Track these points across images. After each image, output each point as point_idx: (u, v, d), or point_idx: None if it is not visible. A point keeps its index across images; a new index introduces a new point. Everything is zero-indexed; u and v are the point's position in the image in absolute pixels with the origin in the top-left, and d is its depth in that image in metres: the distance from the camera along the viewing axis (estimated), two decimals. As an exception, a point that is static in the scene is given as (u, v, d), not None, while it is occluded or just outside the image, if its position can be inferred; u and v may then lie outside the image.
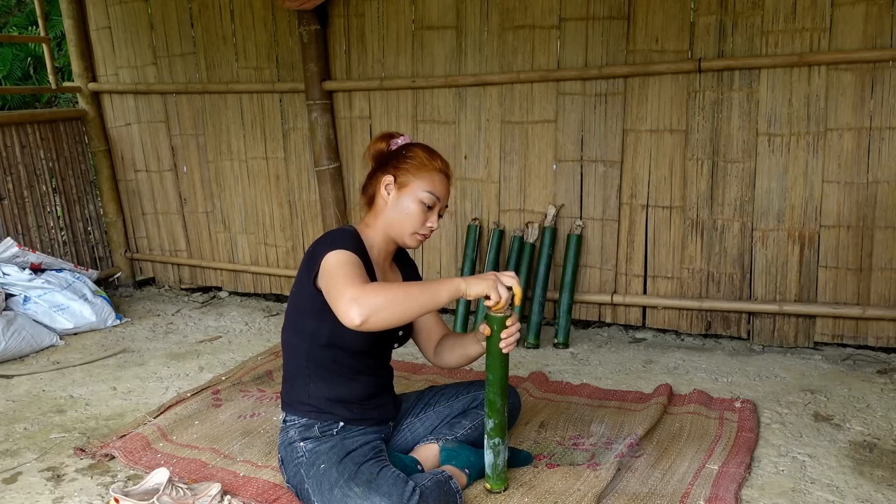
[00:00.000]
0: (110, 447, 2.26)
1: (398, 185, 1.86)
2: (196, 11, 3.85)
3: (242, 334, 3.52)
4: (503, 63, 3.28)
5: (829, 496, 1.93)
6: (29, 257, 3.62)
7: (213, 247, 4.18)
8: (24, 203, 3.91)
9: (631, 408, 2.50)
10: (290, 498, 1.98)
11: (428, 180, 1.85)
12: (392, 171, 1.87)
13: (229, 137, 3.95)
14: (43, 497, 2.05)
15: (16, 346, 3.18)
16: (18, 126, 3.90)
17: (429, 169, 1.87)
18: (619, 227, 3.24)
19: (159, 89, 4.05)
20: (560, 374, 2.87)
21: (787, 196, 2.96)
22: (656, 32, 3.03)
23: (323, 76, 3.56)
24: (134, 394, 2.81)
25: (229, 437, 2.35)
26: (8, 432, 2.48)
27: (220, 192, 4.06)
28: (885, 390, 2.60)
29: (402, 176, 1.86)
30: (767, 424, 2.36)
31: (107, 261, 4.38)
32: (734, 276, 3.09)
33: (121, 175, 4.32)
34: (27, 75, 7.06)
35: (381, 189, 1.88)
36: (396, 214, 1.87)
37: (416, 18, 3.42)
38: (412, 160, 1.87)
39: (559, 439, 2.28)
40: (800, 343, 3.05)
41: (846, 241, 2.91)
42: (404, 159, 1.87)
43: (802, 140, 2.90)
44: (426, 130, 3.49)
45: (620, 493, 1.96)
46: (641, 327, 3.32)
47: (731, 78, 2.95)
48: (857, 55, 2.75)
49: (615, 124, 3.16)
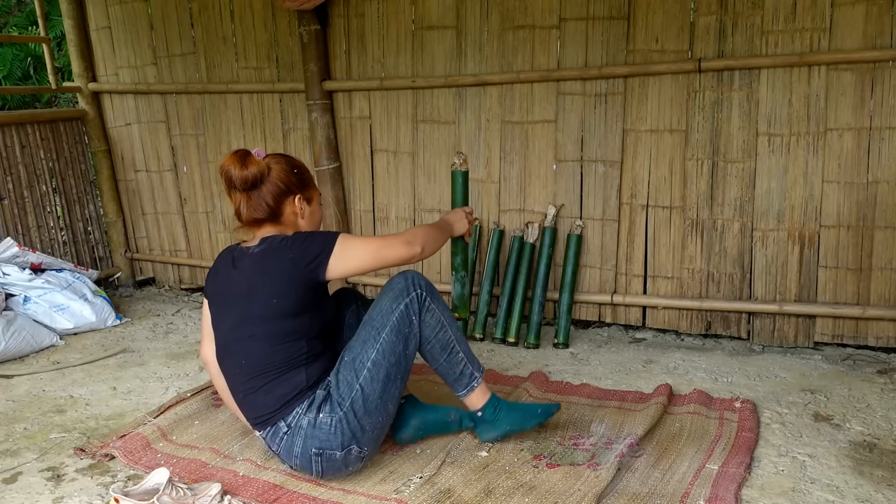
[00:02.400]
0: (110, 447, 2.26)
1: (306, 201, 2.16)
2: (196, 11, 3.86)
3: (242, 334, 3.52)
4: (503, 63, 3.28)
5: (829, 496, 1.93)
6: (29, 257, 3.62)
7: (213, 247, 4.17)
8: (24, 203, 3.91)
9: (631, 408, 2.50)
10: (290, 498, 1.98)
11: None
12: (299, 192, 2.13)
13: (229, 137, 3.95)
14: (43, 497, 2.05)
15: (16, 346, 3.18)
16: (18, 126, 3.90)
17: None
18: (619, 227, 3.24)
19: (159, 89, 4.05)
20: (560, 374, 2.87)
21: (787, 196, 2.96)
22: (656, 32, 3.03)
23: (323, 76, 3.56)
24: (134, 394, 2.81)
25: (229, 437, 2.35)
26: (8, 432, 2.48)
27: (220, 192, 4.06)
28: (885, 390, 2.60)
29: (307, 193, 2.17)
30: (767, 424, 2.36)
31: (107, 261, 4.38)
32: (734, 276, 3.09)
33: (121, 175, 4.32)
34: (27, 75, 7.07)
35: (296, 207, 2.13)
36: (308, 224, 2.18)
37: (416, 18, 3.42)
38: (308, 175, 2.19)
39: (559, 439, 2.28)
40: (800, 343, 3.05)
41: (846, 241, 2.91)
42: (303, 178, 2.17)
43: (802, 140, 2.90)
44: (426, 130, 3.49)
45: (620, 493, 1.96)
46: (641, 327, 3.32)
47: (731, 78, 2.95)
48: (857, 55, 2.75)
49: (615, 124, 3.16)
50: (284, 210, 2.09)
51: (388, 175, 3.62)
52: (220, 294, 2.11)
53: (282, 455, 2.07)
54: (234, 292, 2.05)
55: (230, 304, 2.06)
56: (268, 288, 1.98)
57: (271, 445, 2.07)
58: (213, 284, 2.15)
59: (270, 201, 2.06)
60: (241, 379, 2.05)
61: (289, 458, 2.05)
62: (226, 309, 2.08)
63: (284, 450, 2.03)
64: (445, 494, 1.96)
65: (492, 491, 1.98)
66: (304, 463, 2.02)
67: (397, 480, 2.06)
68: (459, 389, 2.20)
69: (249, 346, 2.01)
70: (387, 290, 2.09)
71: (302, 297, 2.00)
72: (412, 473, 2.10)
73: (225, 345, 2.09)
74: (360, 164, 3.66)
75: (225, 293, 2.09)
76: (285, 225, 2.11)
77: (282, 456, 2.07)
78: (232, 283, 2.06)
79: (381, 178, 3.64)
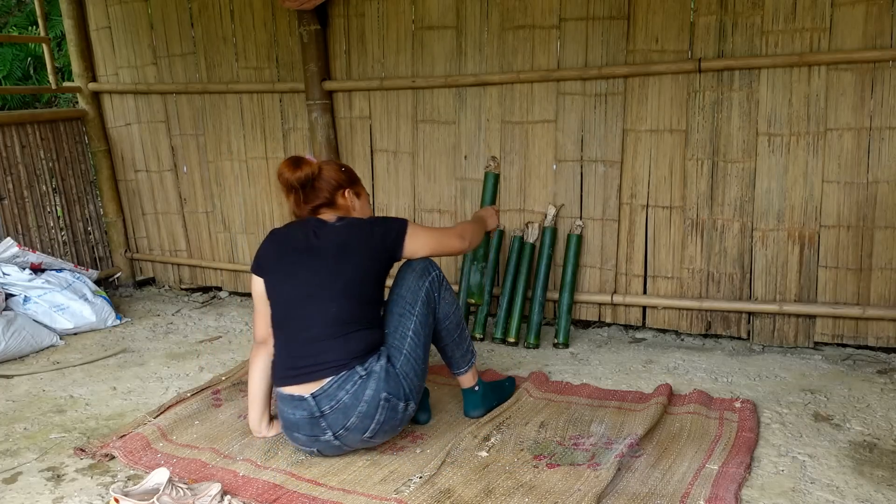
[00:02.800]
0: (110, 447, 2.27)
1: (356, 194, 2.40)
2: (196, 11, 3.86)
3: (242, 334, 3.52)
4: (503, 63, 3.28)
5: (829, 496, 1.93)
6: (29, 257, 3.62)
7: (213, 247, 4.18)
8: (24, 203, 3.91)
9: (631, 408, 2.50)
10: (290, 498, 1.98)
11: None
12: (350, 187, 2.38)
13: (229, 137, 3.95)
14: (43, 497, 2.05)
15: (16, 346, 3.19)
16: (18, 126, 3.90)
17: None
18: (619, 227, 3.24)
19: (159, 89, 4.05)
20: (560, 373, 2.87)
21: (787, 196, 2.96)
22: (656, 32, 3.03)
23: (323, 76, 3.56)
24: (134, 394, 2.81)
25: (229, 437, 2.35)
26: (8, 432, 2.48)
27: (220, 192, 4.06)
28: (885, 390, 2.60)
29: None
30: (767, 424, 2.36)
31: (107, 261, 4.38)
32: (734, 276, 3.09)
33: (121, 175, 4.32)
34: (27, 75, 7.07)
35: (347, 200, 2.37)
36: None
37: (416, 18, 3.42)
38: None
39: (559, 439, 2.28)
40: (800, 343, 3.05)
41: (846, 241, 2.91)
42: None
43: (802, 140, 2.90)
44: (426, 130, 3.49)
45: (620, 493, 1.96)
46: (641, 327, 3.32)
47: (731, 78, 2.95)
48: (857, 55, 2.75)
49: (615, 124, 3.16)
50: (338, 201, 2.32)
51: (388, 175, 3.62)
52: (300, 250, 2.22)
53: (343, 403, 2.08)
54: (322, 251, 2.20)
55: (315, 259, 2.20)
56: (357, 255, 2.20)
57: (335, 396, 2.09)
58: (285, 244, 2.27)
59: (326, 193, 2.30)
60: (321, 323, 2.15)
61: (354, 406, 2.08)
62: (309, 261, 2.20)
63: (352, 395, 2.08)
64: (445, 494, 1.96)
65: (492, 491, 1.98)
66: (369, 410, 2.09)
67: (397, 480, 2.06)
68: (462, 366, 2.42)
69: (339, 299, 2.16)
70: (408, 271, 2.30)
71: (381, 269, 2.25)
72: (412, 473, 2.10)
73: (308, 294, 2.18)
74: (360, 164, 3.66)
75: (308, 250, 2.21)
76: (341, 210, 2.32)
77: (343, 403, 2.08)
78: (318, 244, 2.22)
79: (381, 177, 3.64)
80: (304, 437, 2.15)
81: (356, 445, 2.19)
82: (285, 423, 2.18)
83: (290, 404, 2.14)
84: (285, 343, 2.21)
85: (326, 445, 2.15)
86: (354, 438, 2.14)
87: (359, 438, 2.14)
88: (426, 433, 2.36)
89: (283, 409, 2.17)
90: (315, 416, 2.10)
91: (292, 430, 2.17)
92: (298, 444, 2.20)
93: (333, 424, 2.10)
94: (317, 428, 2.12)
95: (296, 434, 2.17)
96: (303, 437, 2.15)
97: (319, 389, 2.09)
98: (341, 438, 2.13)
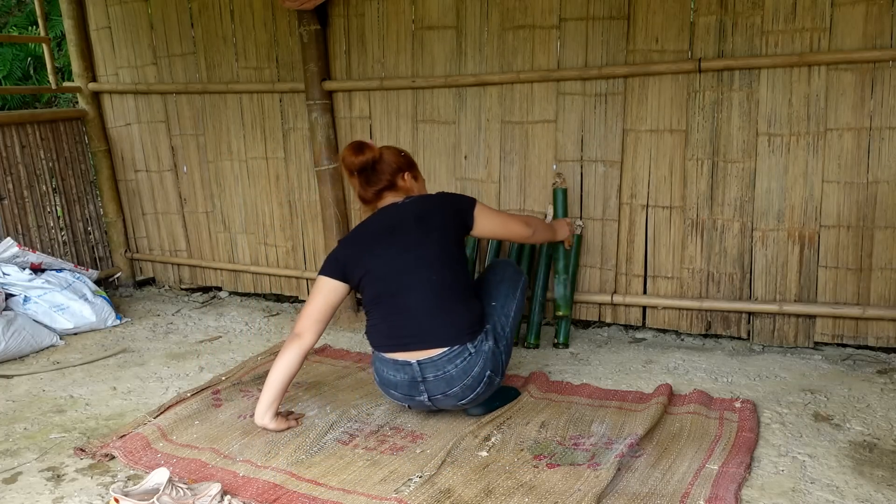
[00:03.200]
0: (110, 447, 2.27)
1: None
2: (196, 11, 3.86)
3: (242, 334, 3.52)
4: (503, 63, 3.28)
5: (829, 496, 1.93)
6: (29, 257, 3.62)
7: (213, 247, 4.18)
8: (24, 203, 3.91)
9: (632, 408, 2.50)
10: (290, 498, 1.98)
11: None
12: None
13: (229, 137, 3.95)
14: (43, 497, 2.05)
15: (16, 346, 3.19)
16: (18, 126, 3.90)
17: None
18: (619, 227, 3.24)
19: (159, 89, 4.05)
20: (560, 373, 2.87)
21: (787, 196, 2.96)
22: (656, 32, 3.03)
23: (323, 76, 3.56)
24: (134, 394, 2.81)
25: (229, 437, 2.35)
26: (8, 432, 2.48)
27: (220, 192, 4.06)
28: (885, 390, 2.60)
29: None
30: (767, 424, 2.36)
31: (107, 261, 4.38)
32: (734, 276, 3.09)
33: (121, 175, 4.32)
34: (27, 75, 7.07)
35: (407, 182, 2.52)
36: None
37: (416, 18, 3.42)
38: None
39: (559, 439, 2.28)
40: (800, 343, 3.05)
41: (846, 241, 2.91)
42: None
43: (802, 140, 2.90)
44: (426, 130, 3.49)
45: (620, 493, 1.96)
46: (641, 327, 3.32)
47: (731, 78, 2.95)
48: (857, 55, 2.75)
49: (615, 124, 3.16)
50: (398, 183, 2.48)
51: (388, 175, 3.61)
52: (386, 232, 2.39)
53: (450, 375, 2.28)
54: (404, 227, 2.38)
55: (401, 236, 2.37)
56: (436, 222, 2.38)
57: (442, 368, 2.28)
58: (370, 229, 2.43)
59: (388, 176, 2.46)
60: (423, 294, 2.32)
61: (459, 378, 2.29)
62: (396, 239, 2.37)
63: (461, 370, 2.28)
64: (445, 494, 1.96)
65: (492, 491, 1.98)
66: (473, 383, 2.31)
67: (397, 480, 2.07)
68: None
69: (436, 266, 2.34)
70: (505, 264, 2.62)
71: (459, 236, 2.43)
72: (412, 473, 2.10)
73: (405, 267, 2.34)
74: (360, 164, 3.65)
75: (391, 230, 2.39)
76: (402, 192, 2.48)
77: (449, 375, 2.28)
78: (398, 223, 2.39)
79: (381, 178, 3.64)
80: (400, 395, 2.38)
81: (446, 407, 2.41)
82: (382, 380, 2.41)
83: (393, 367, 2.34)
84: (386, 315, 2.37)
85: (419, 404, 2.38)
86: (449, 403, 2.36)
87: (453, 404, 2.37)
88: (426, 433, 2.36)
89: (383, 368, 2.37)
90: (416, 381, 2.32)
91: (388, 387, 2.39)
92: (390, 398, 2.44)
93: (432, 390, 2.31)
94: (414, 390, 2.33)
95: (391, 391, 2.40)
96: (398, 394, 2.38)
97: (427, 359, 2.29)
98: (436, 401, 2.35)
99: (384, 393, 2.45)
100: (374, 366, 2.42)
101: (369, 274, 2.35)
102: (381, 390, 2.45)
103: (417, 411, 2.49)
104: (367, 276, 2.35)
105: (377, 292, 2.36)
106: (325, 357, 3.13)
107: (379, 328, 2.38)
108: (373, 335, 2.41)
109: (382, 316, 2.37)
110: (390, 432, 2.37)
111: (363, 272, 2.35)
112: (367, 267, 2.35)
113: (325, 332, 3.47)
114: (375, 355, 2.41)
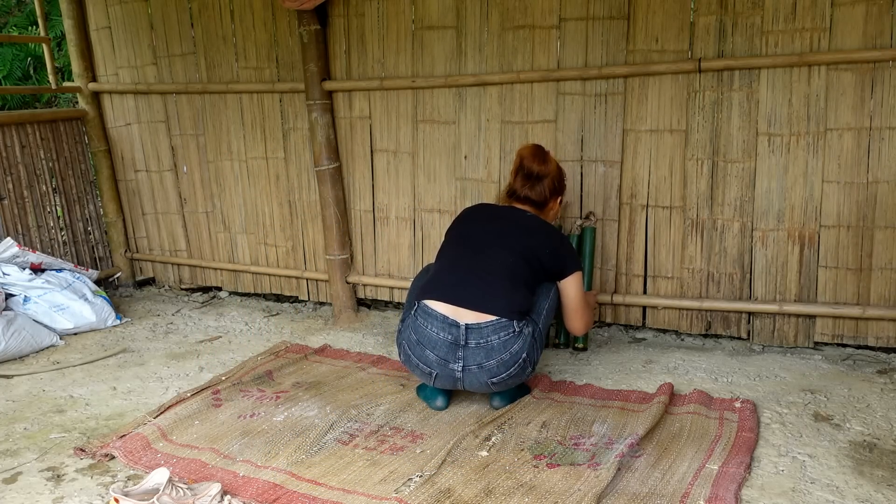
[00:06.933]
0: (110, 447, 2.27)
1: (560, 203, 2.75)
2: (196, 11, 3.86)
3: (242, 334, 3.52)
4: (503, 63, 3.28)
5: (829, 496, 1.93)
6: (29, 257, 3.62)
7: (213, 247, 4.18)
8: (24, 203, 3.91)
9: (634, 408, 2.50)
10: (290, 498, 1.98)
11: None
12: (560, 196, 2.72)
13: (229, 137, 3.95)
14: (43, 497, 2.05)
15: (16, 346, 3.19)
16: (18, 126, 3.90)
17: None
18: (619, 228, 3.24)
19: (159, 89, 4.05)
20: (561, 373, 2.87)
21: (787, 196, 2.96)
22: (656, 32, 3.03)
23: (323, 76, 3.56)
24: (134, 394, 2.81)
25: (229, 437, 2.35)
26: (8, 432, 2.48)
27: (220, 192, 4.06)
28: (885, 390, 2.60)
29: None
30: (767, 424, 2.36)
31: (107, 261, 4.38)
32: (734, 276, 3.09)
33: (121, 175, 4.32)
34: (27, 75, 7.07)
35: (556, 206, 2.72)
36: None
37: (416, 18, 3.42)
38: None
39: (560, 439, 2.28)
40: (800, 343, 3.05)
41: (846, 241, 2.91)
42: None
43: (802, 140, 2.90)
44: (426, 130, 3.49)
45: (620, 493, 1.96)
46: (642, 327, 3.32)
47: (731, 78, 2.95)
48: (857, 55, 2.75)
49: (615, 124, 3.16)
50: (549, 203, 2.63)
51: (388, 175, 3.62)
52: (497, 217, 2.57)
53: (491, 344, 2.34)
54: (514, 222, 2.53)
55: (507, 223, 2.53)
56: (537, 246, 2.48)
57: (486, 336, 2.34)
58: (486, 209, 2.70)
59: (547, 194, 2.60)
60: (498, 266, 2.43)
61: (499, 351, 2.34)
62: (501, 222, 2.54)
63: (502, 343, 2.34)
64: (445, 494, 1.96)
65: (492, 491, 1.98)
66: (508, 361, 2.35)
67: (397, 480, 2.07)
68: None
69: (518, 257, 2.45)
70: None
71: (539, 273, 2.50)
72: (412, 473, 2.10)
73: (493, 241, 2.48)
74: (360, 164, 3.66)
75: (502, 218, 2.56)
76: (539, 210, 2.62)
77: (491, 345, 2.34)
78: (512, 216, 2.56)
79: (380, 178, 3.64)
80: (435, 358, 2.36)
81: (474, 387, 2.41)
82: (422, 338, 2.39)
83: (439, 325, 2.36)
84: (452, 267, 2.47)
85: (447, 375, 2.38)
86: (478, 380, 2.37)
87: (484, 381, 2.38)
88: (426, 433, 2.36)
89: (427, 325, 2.36)
90: (458, 344, 2.34)
91: (427, 346, 2.37)
92: (422, 362, 2.40)
93: (469, 359, 2.34)
94: (451, 355, 2.34)
95: (427, 352, 2.38)
96: (433, 356, 2.36)
97: (475, 324, 2.33)
98: (467, 373, 2.35)
99: (408, 364, 2.45)
100: (414, 323, 2.41)
101: (459, 230, 2.59)
102: (406, 360, 2.46)
103: (417, 411, 2.49)
104: (456, 229, 2.60)
105: (456, 245, 2.54)
106: (325, 357, 3.13)
107: (440, 276, 2.48)
108: (429, 283, 2.48)
109: (449, 266, 2.49)
110: (390, 432, 2.37)
111: (457, 230, 2.60)
112: (461, 228, 2.59)
113: (325, 332, 3.49)
114: (420, 310, 2.41)
